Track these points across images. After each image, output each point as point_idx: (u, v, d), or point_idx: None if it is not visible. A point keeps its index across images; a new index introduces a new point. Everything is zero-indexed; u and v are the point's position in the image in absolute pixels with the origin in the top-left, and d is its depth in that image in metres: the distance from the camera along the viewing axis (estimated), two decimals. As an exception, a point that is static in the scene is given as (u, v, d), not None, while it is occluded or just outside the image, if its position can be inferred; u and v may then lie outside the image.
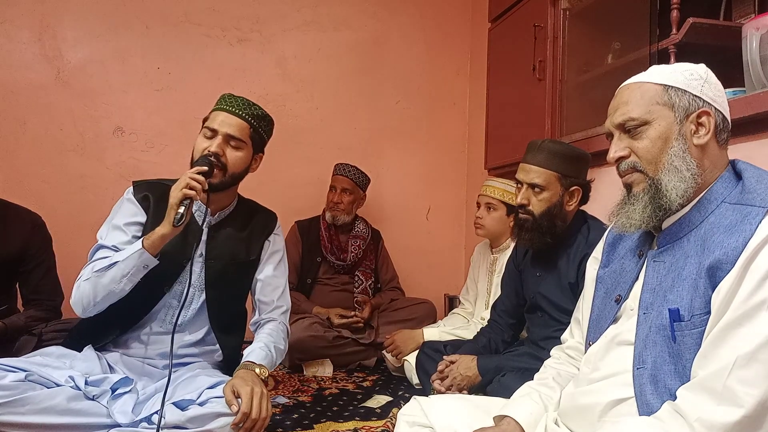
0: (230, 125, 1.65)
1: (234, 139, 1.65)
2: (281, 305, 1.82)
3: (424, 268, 3.51)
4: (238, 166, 1.67)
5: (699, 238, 1.00)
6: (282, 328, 1.78)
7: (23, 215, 2.10)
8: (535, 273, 1.90)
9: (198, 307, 1.70)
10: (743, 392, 0.85)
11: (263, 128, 1.74)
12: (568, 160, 1.77)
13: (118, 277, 1.51)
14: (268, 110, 1.82)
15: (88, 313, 1.58)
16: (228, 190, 1.72)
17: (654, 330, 1.02)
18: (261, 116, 1.73)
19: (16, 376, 1.34)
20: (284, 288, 1.84)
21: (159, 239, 1.52)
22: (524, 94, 2.73)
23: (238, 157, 1.66)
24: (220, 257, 1.72)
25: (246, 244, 1.78)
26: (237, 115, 1.67)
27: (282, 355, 1.74)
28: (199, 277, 1.70)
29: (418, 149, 3.51)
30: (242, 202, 1.83)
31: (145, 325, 1.66)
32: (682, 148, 1.03)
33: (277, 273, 1.83)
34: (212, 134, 1.65)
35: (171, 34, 3.07)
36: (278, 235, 1.87)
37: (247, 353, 1.61)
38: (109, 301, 1.55)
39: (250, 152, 1.71)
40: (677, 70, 1.06)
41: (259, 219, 1.84)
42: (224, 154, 1.64)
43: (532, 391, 1.23)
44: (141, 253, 1.51)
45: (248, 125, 1.68)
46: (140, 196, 1.68)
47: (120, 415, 1.40)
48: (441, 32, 3.54)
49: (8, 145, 2.86)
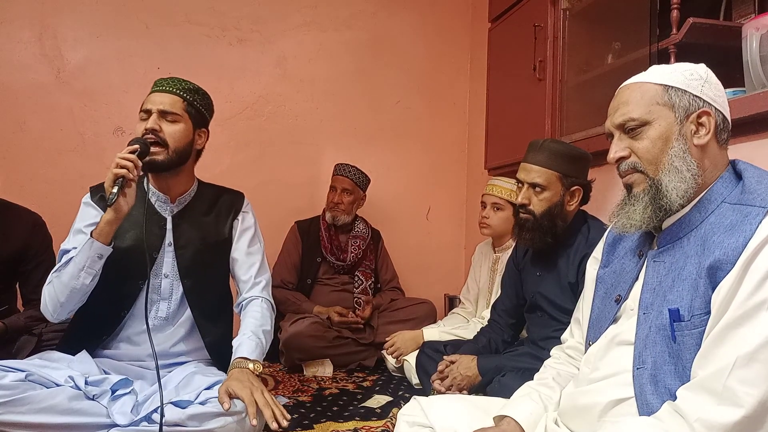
0: (162, 102, 1.64)
1: (168, 114, 1.63)
2: (260, 280, 1.80)
3: (424, 268, 3.50)
4: (179, 140, 1.64)
5: (699, 238, 1.00)
6: (266, 305, 1.77)
7: (23, 215, 2.10)
8: (535, 272, 1.90)
9: (179, 298, 1.70)
10: (743, 392, 0.85)
11: (198, 101, 1.71)
12: (570, 160, 1.77)
13: (76, 272, 1.51)
14: (268, 110, 1.82)
15: (58, 316, 1.57)
16: (180, 173, 1.71)
17: (654, 330, 1.02)
18: (193, 89, 1.70)
19: (16, 375, 1.35)
20: (260, 263, 1.82)
21: (105, 225, 1.52)
22: (524, 94, 2.73)
23: (177, 131, 1.64)
24: (189, 243, 1.71)
25: (214, 226, 1.77)
26: (168, 92, 1.66)
27: (271, 335, 1.73)
28: (173, 267, 1.70)
29: (418, 149, 3.51)
30: (204, 186, 1.82)
31: (130, 324, 1.66)
32: (682, 148, 1.03)
33: (251, 249, 1.81)
34: (147, 115, 1.63)
35: (171, 34, 3.07)
36: (247, 213, 1.85)
37: (237, 346, 1.60)
38: (75, 300, 1.55)
39: (189, 126, 1.68)
40: (677, 70, 1.06)
41: (225, 200, 1.83)
42: (161, 129, 1.61)
43: (531, 391, 1.23)
44: (91, 242, 1.51)
45: (181, 98, 1.66)
46: (96, 197, 1.69)
47: (119, 416, 1.40)
48: (441, 32, 3.54)
49: (8, 146, 2.85)
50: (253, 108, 3.20)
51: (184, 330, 1.71)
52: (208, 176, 1.90)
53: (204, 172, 1.84)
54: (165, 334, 1.69)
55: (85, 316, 1.63)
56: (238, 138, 3.18)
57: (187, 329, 1.72)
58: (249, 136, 3.20)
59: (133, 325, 1.66)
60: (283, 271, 2.96)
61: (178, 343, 1.71)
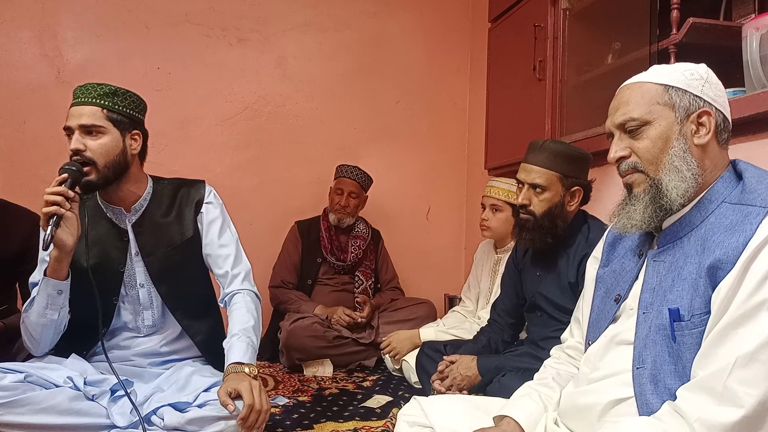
0: (80, 116, 1.53)
1: (89, 127, 1.53)
2: (238, 272, 1.71)
3: (424, 268, 3.50)
4: (107, 154, 1.54)
5: (699, 238, 1.00)
6: (248, 298, 1.69)
7: (23, 215, 2.10)
8: (535, 272, 1.90)
9: (161, 304, 1.67)
10: (743, 392, 0.85)
11: (119, 104, 1.58)
12: (570, 161, 1.77)
13: (41, 310, 1.49)
14: (268, 110, 1.80)
15: (41, 350, 1.56)
16: (126, 182, 1.62)
17: (654, 330, 1.02)
18: (111, 93, 1.57)
19: (15, 377, 1.35)
20: (235, 254, 1.73)
21: (55, 263, 1.47)
22: (524, 94, 2.73)
23: (102, 145, 1.54)
24: (156, 249, 1.65)
25: (177, 225, 1.69)
26: (85, 104, 1.54)
27: (260, 327, 1.67)
28: (146, 275, 1.65)
29: (418, 149, 3.51)
30: (158, 184, 1.72)
31: (114, 335, 1.65)
32: (682, 148, 1.02)
33: (222, 241, 1.72)
34: (69, 132, 1.55)
35: (171, 34, 3.07)
36: (210, 203, 1.74)
37: (227, 348, 1.55)
38: (49, 334, 1.53)
39: (116, 135, 1.56)
40: (678, 70, 1.06)
41: (183, 194, 1.73)
42: (86, 147, 1.52)
43: (531, 391, 1.23)
44: (46, 281, 1.48)
45: (99, 107, 1.54)
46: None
47: (118, 416, 1.40)
48: (441, 32, 3.54)
49: (8, 145, 2.86)
50: (253, 108, 3.20)
51: (175, 333, 1.70)
52: (209, 176, 1.89)
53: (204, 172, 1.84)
54: (158, 337, 1.68)
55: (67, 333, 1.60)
56: (238, 138, 3.18)
57: (178, 331, 1.70)
58: (249, 136, 3.20)
59: (117, 336, 1.65)
60: (283, 272, 2.96)
61: (169, 343, 1.69)
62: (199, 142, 3.09)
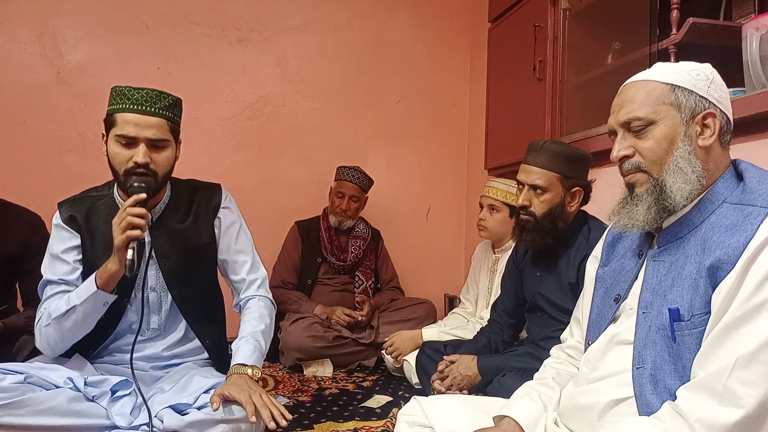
0: (149, 127, 1.47)
1: (157, 142, 1.50)
2: (255, 279, 1.72)
3: (424, 268, 3.51)
4: (167, 166, 1.55)
5: (699, 238, 1.00)
6: (263, 303, 1.70)
7: (23, 215, 2.10)
8: (535, 273, 1.90)
9: (169, 308, 1.67)
10: (743, 393, 0.84)
11: (178, 115, 1.58)
12: (570, 161, 1.77)
13: (81, 319, 1.49)
14: (268, 110, 1.80)
15: (57, 353, 1.56)
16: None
17: (654, 330, 1.02)
18: (173, 103, 1.55)
19: (14, 378, 1.34)
20: (252, 261, 1.73)
21: (111, 277, 1.46)
22: (524, 94, 2.73)
23: (166, 158, 1.53)
24: (171, 253, 1.62)
25: (194, 230, 1.66)
26: (151, 114, 1.48)
27: (271, 334, 1.68)
28: (158, 279, 1.63)
29: (418, 149, 3.51)
30: (177, 187, 1.69)
31: (119, 337, 1.64)
32: (687, 149, 1.01)
33: (239, 247, 1.72)
34: (129, 141, 1.47)
35: (171, 34, 3.07)
36: (228, 208, 1.72)
37: (235, 350, 1.57)
38: (77, 339, 1.54)
39: (173, 146, 1.56)
40: (684, 70, 1.05)
41: (201, 199, 1.70)
42: (152, 161, 1.48)
43: (531, 391, 1.22)
44: (97, 294, 1.47)
45: (166, 120, 1.51)
46: (66, 217, 1.61)
47: (119, 417, 1.39)
48: (441, 32, 3.54)
49: (8, 145, 2.85)
50: (253, 108, 3.20)
51: (178, 336, 1.69)
52: (209, 176, 1.89)
53: (204, 172, 1.84)
54: (160, 342, 1.68)
55: None
56: (238, 138, 3.18)
57: (181, 335, 1.70)
58: (249, 136, 3.20)
59: (122, 338, 1.65)
60: (283, 272, 2.96)
61: (172, 347, 1.69)
62: (199, 142, 3.08)
